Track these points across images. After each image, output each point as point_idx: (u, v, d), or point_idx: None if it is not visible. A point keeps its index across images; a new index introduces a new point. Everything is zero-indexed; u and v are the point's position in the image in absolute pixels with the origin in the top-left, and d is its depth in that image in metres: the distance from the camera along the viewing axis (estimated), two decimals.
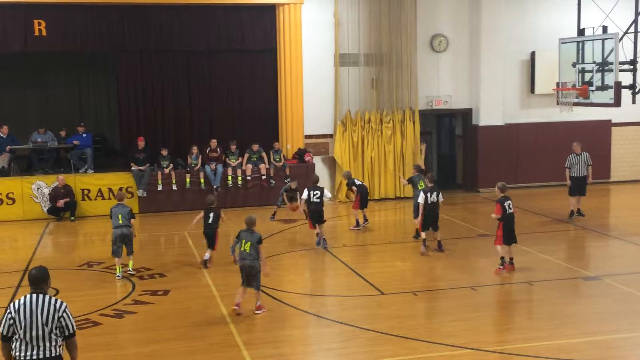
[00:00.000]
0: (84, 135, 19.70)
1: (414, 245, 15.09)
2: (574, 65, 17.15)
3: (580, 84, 16.95)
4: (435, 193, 14.16)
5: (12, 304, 6.57)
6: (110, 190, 18.94)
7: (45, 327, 6.46)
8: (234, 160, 19.61)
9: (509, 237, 12.60)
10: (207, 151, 19.49)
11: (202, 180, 19.19)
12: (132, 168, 18.92)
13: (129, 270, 13.09)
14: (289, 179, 18.96)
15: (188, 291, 12.06)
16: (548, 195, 20.29)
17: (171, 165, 19.34)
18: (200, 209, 17.37)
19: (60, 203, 18.20)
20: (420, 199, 14.14)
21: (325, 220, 15.30)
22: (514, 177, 21.56)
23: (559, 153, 18.36)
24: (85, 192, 18.83)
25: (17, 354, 6.47)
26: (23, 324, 6.43)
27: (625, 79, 16.24)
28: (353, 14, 20.21)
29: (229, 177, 19.38)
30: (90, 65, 22.43)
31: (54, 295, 11.29)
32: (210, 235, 13.62)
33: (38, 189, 18.57)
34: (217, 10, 19.68)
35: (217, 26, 19.83)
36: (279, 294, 11.48)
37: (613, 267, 13.15)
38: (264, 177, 19.57)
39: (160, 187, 19.06)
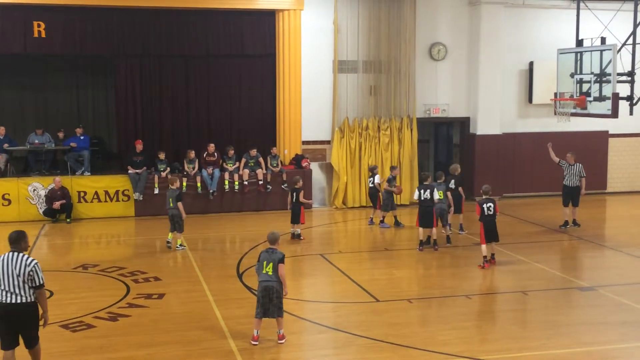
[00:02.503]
0: (82, 137, 19.70)
1: (409, 252, 15.11)
2: (572, 75, 17.20)
3: (578, 94, 16.98)
4: (428, 191, 15.02)
5: None
6: (106, 192, 18.93)
7: (18, 278, 7.97)
8: (231, 165, 19.61)
9: (488, 235, 13.47)
10: (205, 155, 19.49)
11: (198, 184, 19.18)
12: (129, 171, 18.91)
13: (177, 247, 15.20)
14: (284, 185, 19.02)
15: (183, 295, 12.04)
16: (544, 205, 20.32)
17: (168, 169, 19.32)
18: (196, 213, 17.40)
19: (56, 205, 18.18)
20: (415, 195, 15.39)
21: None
22: (510, 187, 21.63)
23: (555, 163, 18.35)
24: (82, 194, 18.80)
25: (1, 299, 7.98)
26: (1, 276, 7.95)
27: (623, 90, 16.28)
28: (352, 21, 20.25)
29: (226, 182, 19.38)
30: (89, 67, 22.45)
31: (50, 296, 11.43)
32: (296, 213, 15.86)
33: (34, 190, 18.54)
34: (217, 15, 19.71)
35: (217, 31, 19.87)
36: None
37: (608, 278, 13.16)
38: (260, 183, 19.56)
39: (156, 191, 19.01)
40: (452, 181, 16.41)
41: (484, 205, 13.46)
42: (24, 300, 8.01)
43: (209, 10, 19.51)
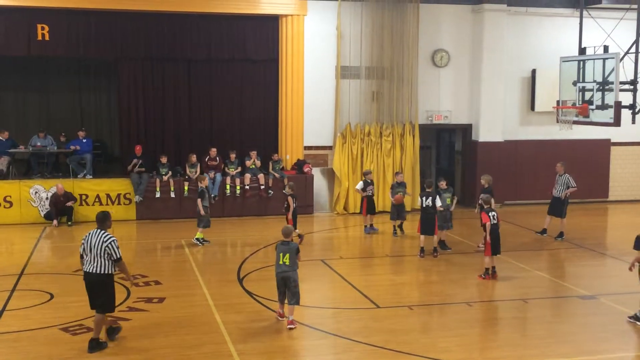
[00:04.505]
0: (84, 140, 19.70)
1: (410, 259, 15.11)
2: (574, 83, 17.21)
3: (580, 102, 16.99)
4: (430, 198, 14.95)
5: (85, 235, 9.75)
6: (108, 196, 18.93)
7: (99, 251, 9.50)
8: (233, 170, 19.62)
9: (494, 247, 13.28)
10: (206, 160, 19.50)
11: None
12: (129, 171, 18.92)
13: (194, 240, 15.95)
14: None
15: (183, 299, 12.02)
16: (546, 213, 20.24)
17: (170, 173, 19.34)
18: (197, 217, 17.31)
19: (70, 203, 18.21)
20: (418, 201, 15.48)
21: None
22: (512, 194, 21.60)
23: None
24: (83, 197, 18.81)
25: (84, 267, 9.69)
26: (87, 248, 9.60)
27: (625, 98, 16.29)
28: (356, 26, 20.28)
29: (227, 186, 19.39)
30: (92, 71, 22.49)
31: (50, 299, 11.73)
32: (295, 218, 16.08)
33: (36, 193, 18.55)
34: (220, 19, 19.73)
35: (220, 35, 19.89)
36: (274, 305, 11.45)
37: (609, 286, 13.14)
38: (262, 187, 19.57)
39: (158, 195, 19.03)
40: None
41: (490, 214, 13.28)
42: (97, 271, 9.53)
43: (212, 14, 19.54)
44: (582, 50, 17.52)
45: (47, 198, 18.47)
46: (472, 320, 11.16)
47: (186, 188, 19.17)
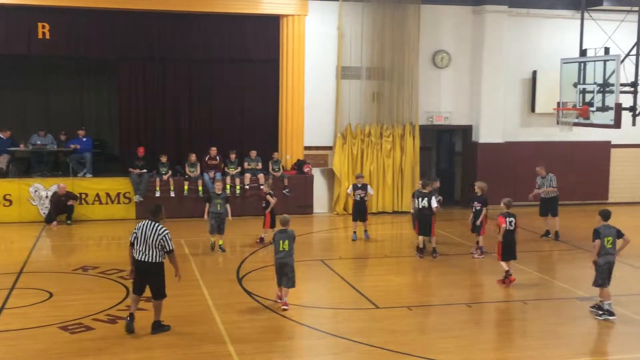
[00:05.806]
0: (84, 139, 19.69)
1: (409, 259, 15.11)
2: (575, 85, 17.23)
3: (580, 104, 17.01)
4: (426, 199, 14.89)
5: (137, 224, 10.24)
6: (107, 195, 18.94)
7: (152, 242, 10.00)
8: (233, 169, 19.62)
9: (506, 252, 12.98)
10: (206, 159, 19.50)
11: (200, 187, 19.18)
12: (130, 171, 18.89)
13: (219, 248, 15.56)
14: (286, 190, 19.03)
15: (182, 299, 12.00)
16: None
17: (170, 172, 19.33)
18: (198, 217, 17.39)
19: (71, 202, 18.20)
20: (415, 203, 15.28)
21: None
22: (512, 195, 21.18)
23: (558, 172, 18.38)
24: (83, 196, 18.80)
25: (136, 256, 10.10)
26: (139, 238, 10.05)
27: (626, 100, 16.30)
28: (356, 27, 20.28)
29: (227, 186, 19.38)
30: (92, 70, 22.46)
31: (50, 297, 11.63)
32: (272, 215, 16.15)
33: (36, 191, 18.55)
34: (221, 19, 19.74)
35: (221, 35, 19.89)
36: (273, 305, 11.46)
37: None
38: (262, 187, 19.54)
39: (158, 194, 19.02)
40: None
41: (507, 219, 13.04)
42: (150, 260, 10.02)
43: (213, 14, 19.54)
44: (582, 52, 17.53)
45: (47, 197, 18.47)
46: (471, 321, 11.16)
47: (186, 187, 19.18)
